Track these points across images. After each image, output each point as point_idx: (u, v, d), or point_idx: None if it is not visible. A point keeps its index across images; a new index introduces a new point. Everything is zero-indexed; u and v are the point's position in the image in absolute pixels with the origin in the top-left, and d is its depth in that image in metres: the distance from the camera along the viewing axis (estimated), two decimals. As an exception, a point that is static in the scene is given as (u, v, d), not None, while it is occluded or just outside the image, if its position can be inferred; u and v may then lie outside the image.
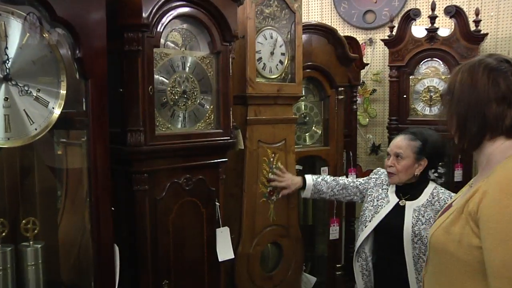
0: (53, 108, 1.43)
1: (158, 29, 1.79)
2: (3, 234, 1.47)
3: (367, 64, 3.91)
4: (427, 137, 2.24)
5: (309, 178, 2.56)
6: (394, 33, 3.59)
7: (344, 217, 3.51)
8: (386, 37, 3.66)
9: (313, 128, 3.04)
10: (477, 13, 3.42)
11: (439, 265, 1.28)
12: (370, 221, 2.27)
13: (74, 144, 1.60)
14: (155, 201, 1.85)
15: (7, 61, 1.33)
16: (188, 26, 1.93)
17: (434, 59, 3.51)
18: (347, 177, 3.33)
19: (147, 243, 1.83)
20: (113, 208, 1.56)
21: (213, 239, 2.07)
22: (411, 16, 3.47)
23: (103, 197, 1.53)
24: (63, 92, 1.43)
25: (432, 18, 3.44)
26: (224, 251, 2.10)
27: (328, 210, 3.08)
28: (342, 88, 3.04)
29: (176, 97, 1.91)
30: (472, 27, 3.38)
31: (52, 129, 1.44)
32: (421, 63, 3.55)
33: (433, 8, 3.44)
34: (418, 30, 3.54)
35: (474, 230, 1.17)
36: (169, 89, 1.88)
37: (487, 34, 3.55)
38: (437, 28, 3.44)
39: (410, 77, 3.56)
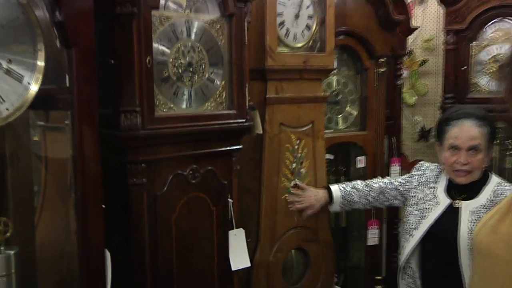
0: (28, 83, 1.41)
1: (157, -14, 1.79)
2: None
3: (416, 29, 3.84)
4: (491, 118, 2.21)
5: (336, 189, 2.55)
6: (452, -14, 3.49)
7: (385, 218, 3.49)
8: (441, -7, 3.58)
9: (347, 108, 3.02)
10: None
11: (485, 271, 1.28)
12: (416, 229, 2.25)
13: (56, 128, 1.60)
14: (154, 198, 1.85)
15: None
16: (193, -18, 1.92)
17: (506, 19, 3.37)
18: (388, 168, 3.31)
19: (145, 248, 1.84)
20: (103, 206, 1.56)
21: (225, 244, 2.08)
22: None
23: (91, 192, 1.53)
24: (40, 63, 1.42)
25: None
26: (239, 258, 2.12)
27: (365, 210, 3.06)
28: (384, 59, 3.01)
29: (180, 71, 1.91)
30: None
31: (28, 109, 1.43)
32: (487, 26, 3.42)
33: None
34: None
35: None
36: (171, 60, 1.88)
37: None
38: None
39: (472, 43, 3.46)
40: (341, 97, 2.99)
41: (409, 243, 2.26)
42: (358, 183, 2.57)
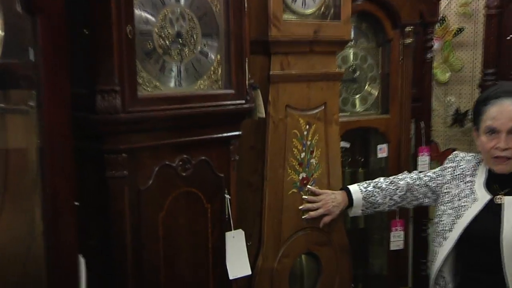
0: (-16, 57, 1.41)
1: None
2: None
3: (450, -10, 3.85)
4: None
5: (356, 190, 2.56)
6: None
7: (411, 217, 3.49)
8: None
9: (367, 87, 3.03)
10: None
11: None
12: (450, 231, 2.26)
13: (17, 110, 1.60)
14: (138, 193, 1.86)
15: None
16: None
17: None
18: (415, 159, 3.30)
19: (127, 253, 1.84)
20: (77, 204, 1.56)
21: (221, 248, 2.09)
22: None
23: (62, 187, 1.53)
24: (-2, 32, 1.42)
25: None
26: (237, 264, 2.13)
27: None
28: (411, 28, 3.01)
29: (167, 43, 1.91)
30: None
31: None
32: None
33: None
34: None
35: None
36: (156, 30, 1.88)
37: None
38: None
39: (520, 7, 3.46)
40: (359, 73, 2.99)
41: (442, 248, 2.27)
42: (381, 181, 2.58)
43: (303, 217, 2.51)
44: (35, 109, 1.50)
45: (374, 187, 2.55)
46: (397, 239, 3.08)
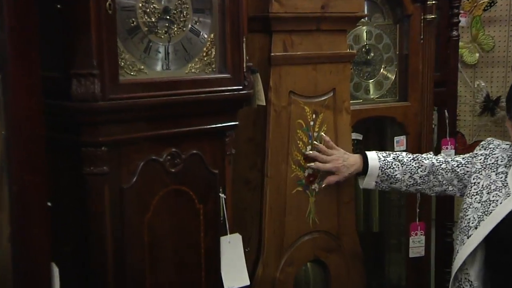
0: None
1: None
2: None
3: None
4: None
5: (373, 157, 2.57)
6: None
7: (434, 219, 3.50)
8: None
9: (382, 71, 3.04)
10: None
11: None
12: (476, 228, 2.27)
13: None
14: (120, 192, 1.87)
15: None
16: None
17: None
18: (438, 154, 3.30)
19: (107, 260, 1.85)
20: (49, 204, 1.56)
21: (215, 254, 2.09)
22: None
23: (32, 186, 1.53)
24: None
25: None
26: (234, 273, 2.14)
27: (406, 209, 3.09)
28: (434, 2, 3.01)
29: (153, 19, 1.91)
30: None
31: None
32: None
33: None
34: None
35: None
36: (140, 5, 1.88)
37: None
38: None
39: None
40: (373, 55, 3.00)
41: (466, 246, 2.28)
42: (403, 155, 2.60)
43: (308, 164, 2.50)
44: (1, 96, 1.50)
45: (394, 159, 2.57)
46: (417, 245, 3.09)
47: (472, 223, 2.28)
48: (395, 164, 2.55)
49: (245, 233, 2.22)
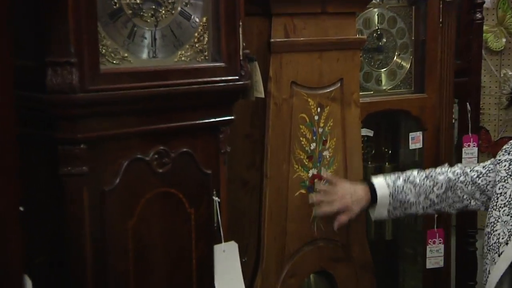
0: None
1: None
2: None
3: None
4: None
5: (381, 184, 2.55)
6: None
7: (454, 226, 3.50)
8: None
9: (396, 58, 3.03)
10: None
11: None
12: (506, 244, 2.26)
13: None
14: (101, 195, 1.86)
15: None
16: None
17: None
18: (459, 151, 3.30)
19: (87, 271, 1.84)
20: (22, 209, 1.56)
21: (208, 264, 2.09)
22: None
23: (1, 188, 1.53)
24: None
25: None
26: (229, 285, 2.13)
27: (423, 216, 3.08)
28: (454, -19, 3.01)
29: (138, 1, 1.90)
30: None
31: None
32: None
33: None
34: None
35: None
36: (123, -15, 1.88)
37: None
38: None
39: None
40: (386, 41, 3.00)
41: (496, 267, 2.26)
42: (414, 174, 2.58)
43: (314, 212, 2.50)
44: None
45: (405, 181, 2.55)
46: (435, 255, 3.09)
47: (503, 238, 2.27)
48: (406, 187, 2.53)
49: (242, 240, 2.22)
